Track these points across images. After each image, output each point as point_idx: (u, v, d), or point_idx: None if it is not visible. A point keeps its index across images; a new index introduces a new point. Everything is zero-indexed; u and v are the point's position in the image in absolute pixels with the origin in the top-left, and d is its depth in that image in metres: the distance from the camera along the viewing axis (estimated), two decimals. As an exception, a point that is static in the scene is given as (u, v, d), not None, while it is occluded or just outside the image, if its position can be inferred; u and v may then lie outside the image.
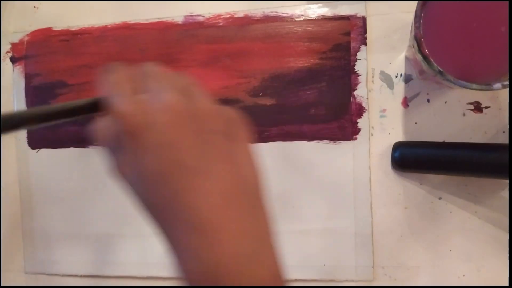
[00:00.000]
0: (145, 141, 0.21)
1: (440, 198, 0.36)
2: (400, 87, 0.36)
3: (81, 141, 0.41)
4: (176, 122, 0.21)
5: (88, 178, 0.41)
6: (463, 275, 0.35)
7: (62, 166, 0.41)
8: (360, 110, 0.36)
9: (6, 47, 0.43)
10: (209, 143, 0.22)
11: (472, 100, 0.35)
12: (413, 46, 0.30)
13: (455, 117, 0.35)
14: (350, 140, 0.37)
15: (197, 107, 0.22)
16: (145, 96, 0.22)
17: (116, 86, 0.23)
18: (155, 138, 0.21)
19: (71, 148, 0.41)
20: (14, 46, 0.42)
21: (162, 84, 0.23)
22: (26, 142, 0.42)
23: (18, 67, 0.42)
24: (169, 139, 0.21)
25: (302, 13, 0.37)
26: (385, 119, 0.36)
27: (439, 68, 0.28)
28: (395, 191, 0.36)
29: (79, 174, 0.41)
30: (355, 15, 0.37)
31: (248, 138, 0.24)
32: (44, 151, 0.42)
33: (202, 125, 0.22)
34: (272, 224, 0.23)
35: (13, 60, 0.42)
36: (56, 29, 0.42)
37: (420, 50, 0.28)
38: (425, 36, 0.28)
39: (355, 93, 0.36)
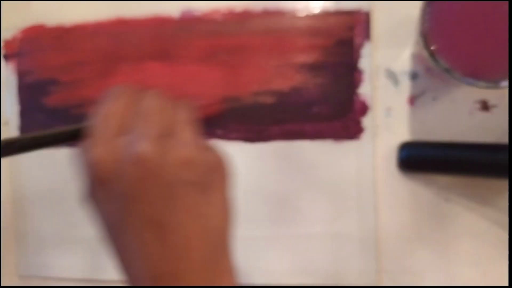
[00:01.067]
0: (111, 191, 0.22)
1: (447, 200, 0.35)
2: (405, 84, 0.36)
3: (75, 143, 0.40)
4: (144, 175, 0.22)
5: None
6: (470, 280, 0.35)
7: (56, 167, 0.41)
8: (364, 109, 0.36)
9: (-2, 44, 0.42)
10: (176, 196, 0.22)
11: (479, 99, 0.35)
12: (419, 42, 0.30)
13: (462, 116, 0.35)
14: (353, 139, 0.36)
15: (170, 158, 0.22)
16: (123, 140, 0.22)
17: (103, 122, 0.24)
18: (121, 189, 0.22)
19: (65, 149, 0.40)
20: (6, 43, 0.42)
21: (146, 127, 0.23)
22: (19, 142, 0.41)
23: (10, 64, 0.42)
24: (135, 191, 0.22)
25: (304, 7, 0.37)
26: (390, 118, 0.36)
27: (446, 65, 0.28)
28: (400, 193, 0.36)
29: (73, 176, 0.40)
30: (359, 10, 0.36)
31: (225, 186, 0.25)
32: (37, 152, 0.41)
33: (172, 177, 0.22)
34: (233, 276, 0.24)
35: (6, 57, 0.42)
36: (49, 25, 0.41)
37: (427, 47, 0.28)
38: (432, 32, 0.28)
39: (359, 90, 0.36)
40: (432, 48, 0.28)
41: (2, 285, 0.42)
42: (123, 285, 0.40)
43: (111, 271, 0.40)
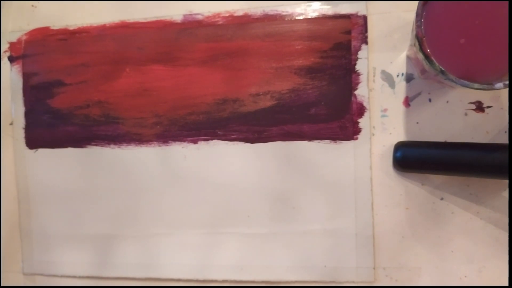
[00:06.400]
0: None
1: (441, 199, 0.36)
2: (401, 86, 0.36)
3: (79, 141, 0.41)
4: None
5: (86, 178, 0.41)
6: (465, 276, 0.35)
7: (60, 166, 0.41)
8: (361, 110, 0.36)
9: (4, 46, 0.42)
10: None
11: (474, 100, 0.35)
12: (414, 45, 0.30)
13: (456, 116, 0.35)
14: (351, 140, 0.36)
15: None
16: None
17: None
18: None
19: (69, 148, 0.41)
20: (12, 45, 0.42)
21: None
22: (24, 142, 0.42)
23: (16, 66, 0.42)
24: None
25: (302, 11, 0.37)
26: (386, 118, 0.36)
27: (440, 67, 0.28)
28: (396, 192, 0.36)
29: (77, 175, 0.41)
30: (356, 14, 0.36)
31: None
32: (41, 151, 0.42)
33: None
34: None
35: (11, 59, 0.42)
36: (54, 28, 0.41)
37: (422, 49, 0.28)
38: (427, 35, 0.28)
39: (356, 92, 0.36)
40: (427, 50, 0.28)
41: (7, 283, 0.43)
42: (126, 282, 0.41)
43: (115, 269, 0.40)
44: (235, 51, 0.38)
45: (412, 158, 0.35)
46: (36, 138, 0.42)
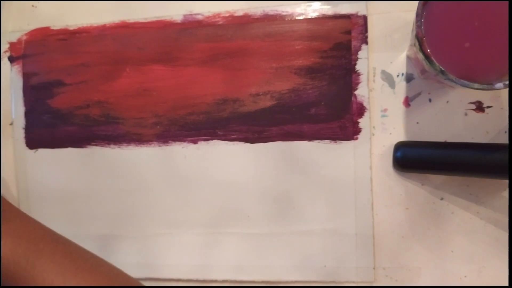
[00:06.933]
0: None
1: (441, 199, 0.36)
2: (401, 86, 0.36)
3: (79, 142, 0.41)
4: None
5: (86, 178, 0.41)
6: (465, 276, 0.35)
7: (60, 166, 0.41)
8: (361, 110, 0.36)
9: (4, 46, 0.42)
10: None
11: (474, 100, 0.35)
12: (414, 45, 0.30)
13: (457, 116, 0.35)
14: (351, 140, 0.36)
15: None
16: None
17: None
18: None
19: (69, 149, 0.41)
20: (12, 45, 0.42)
21: None
22: (24, 142, 0.42)
23: (16, 66, 0.42)
24: None
25: (302, 11, 0.37)
26: (386, 118, 0.36)
27: (440, 67, 0.28)
28: (396, 192, 0.36)
29: (77, 175, 0.41)
30: (356, 14, 0.36)
31: None
32: (41, 151, 0.42)
33: None
34: None
35: (11, 59, 0.42)
36: (54, 28, 0.41)
37: (422, 49, 0.28)
38: (427, 35, 0.28)
39: (356, 92, 0.36)
40: (427, 50, 0.28)
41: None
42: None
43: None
44: (235, 51, 0.38)
45: (412, 158, 0.35)
46: (36, 138, 0.42)
